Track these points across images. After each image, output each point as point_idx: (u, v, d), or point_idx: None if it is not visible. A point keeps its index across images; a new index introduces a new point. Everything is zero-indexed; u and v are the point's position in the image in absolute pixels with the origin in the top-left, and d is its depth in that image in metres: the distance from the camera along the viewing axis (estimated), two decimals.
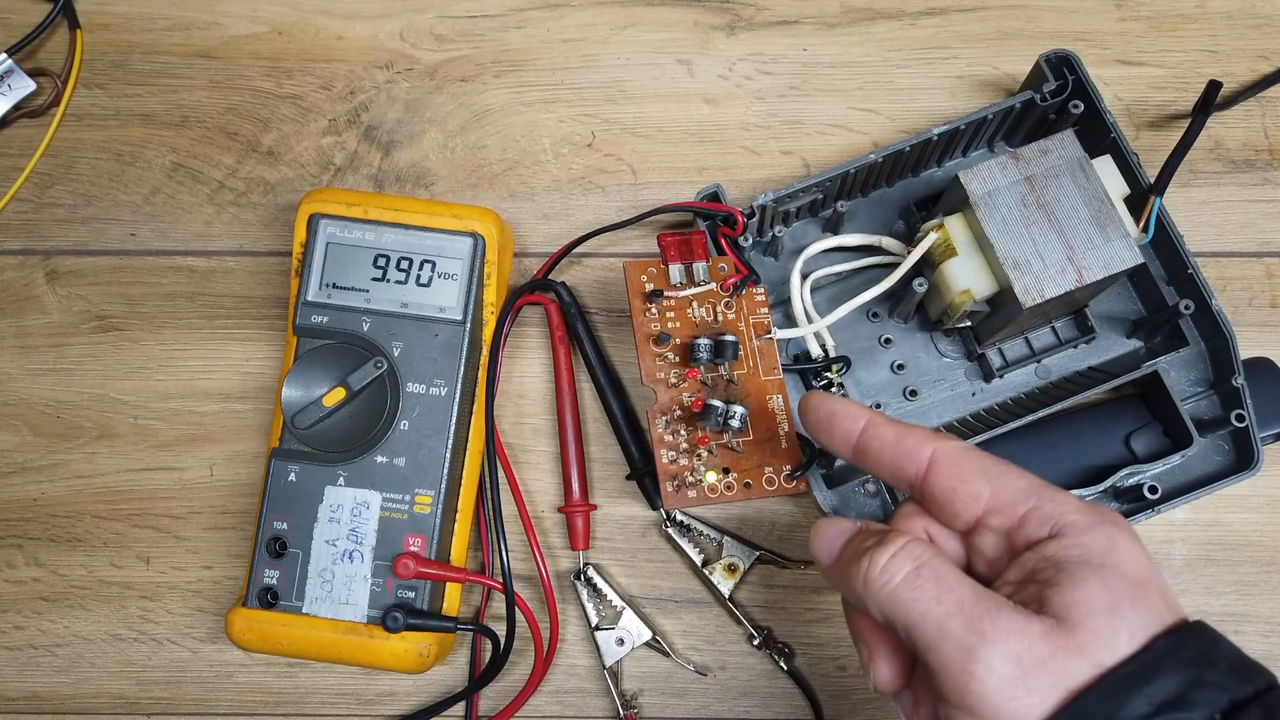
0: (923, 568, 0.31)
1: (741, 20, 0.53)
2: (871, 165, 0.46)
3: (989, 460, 0.33)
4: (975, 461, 0.33)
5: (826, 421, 0.35)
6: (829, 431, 0.35)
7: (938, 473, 0.33)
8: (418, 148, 0.52)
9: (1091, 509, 0.31)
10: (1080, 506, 0.31)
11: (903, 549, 0.31)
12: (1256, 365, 0.46)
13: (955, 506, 0.32)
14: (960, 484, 0.32)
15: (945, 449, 0.33)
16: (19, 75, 0.52)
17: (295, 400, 0.43)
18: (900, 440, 0.33)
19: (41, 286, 0.50)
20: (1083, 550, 0.30)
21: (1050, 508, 0.31)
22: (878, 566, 0.31)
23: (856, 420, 0.34)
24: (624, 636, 0.46)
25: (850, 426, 0.34)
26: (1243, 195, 0.50)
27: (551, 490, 0.48)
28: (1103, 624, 0.28)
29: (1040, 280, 0.40)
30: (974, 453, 0.33)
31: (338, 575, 0.43)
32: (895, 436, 0.33)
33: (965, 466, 0.32)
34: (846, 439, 0.35)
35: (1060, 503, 0.31)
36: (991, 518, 0.32)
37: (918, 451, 0.33)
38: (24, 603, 0.48)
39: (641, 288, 0.44)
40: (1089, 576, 0.29)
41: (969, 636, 0.29)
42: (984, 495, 0.32)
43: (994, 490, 0.32)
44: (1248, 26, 0.52)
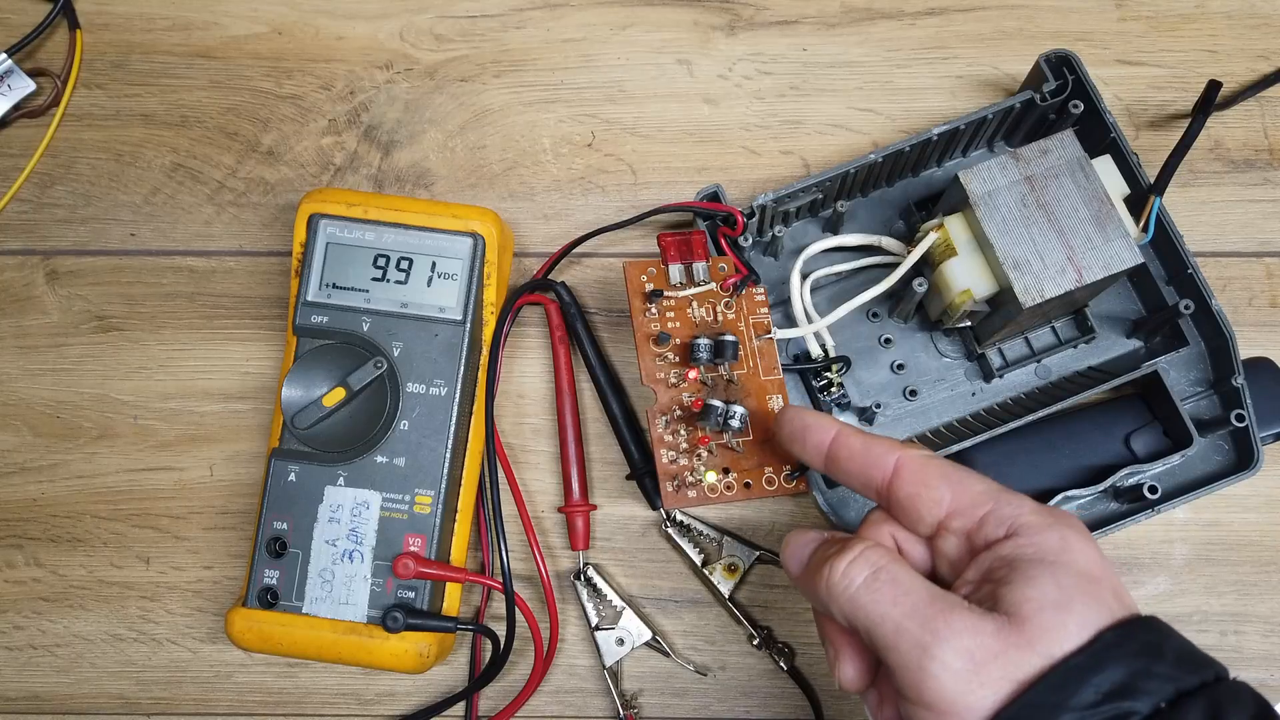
0: (880, 572, 0.32)
1: (741, 20, 0.53)
2: (871, 165, 0.46)
3: (950, 467, 0.34)
4: (937, 468, 0.34)
5: (800, 433, 0.37)
6: (802, 443, 0.37)
7: (902, 479, 0.34)
8: (417, 148, 0.52)
9: (1047, 510, 0.33)
10: (1035, 508, 0.33)
11: (860, 555, 0.33)
12: (1256, 365, 0.46)
13: (919, 511, 0.34)
14: (923, 489, 0.34)
15: (909, 456, 0.34)
16: (19, 75, 0.52)
17: (295, 400, 0.43)
18: (867, 449, 0.35)
19: (41, 286, 0.50)
20: (1036, 549, 0.31)
21: (1006, 510, 0.33)
22: (838, 572, 0.33)
23: (827, 431, 0.36)
24: (624, 636, 0.46)
25: (821, 437, 0.36)
26: (1243, 195, 0.50)
27: (551, 490, 0.48)
28: (1051, 618, 0.30)
29: (1040, 280, 0.40)
30: (936, 460, 0.34)
31: (338, 575, 0.43)
32: (862, 446, 0.35)
33: (928, 472, 0.34)
34: (818, 449, 0.36)
35: (1016, 505, 0.33)
36: (953, 520, 0.33)
37: (883, 459, 0.34)
38: (24, 603, 0.48)
39: (641, 288, 0.44)
40: (1040, 573, 0.31)
41: (924, 635, 0.30)
42: (945, 500, 0.33)
43: (954, 494, 0.33)
44: (1248, 26, 0.52)
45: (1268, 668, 0.46)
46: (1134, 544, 0.47)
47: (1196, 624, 0.46)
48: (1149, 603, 0.46)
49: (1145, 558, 0.47)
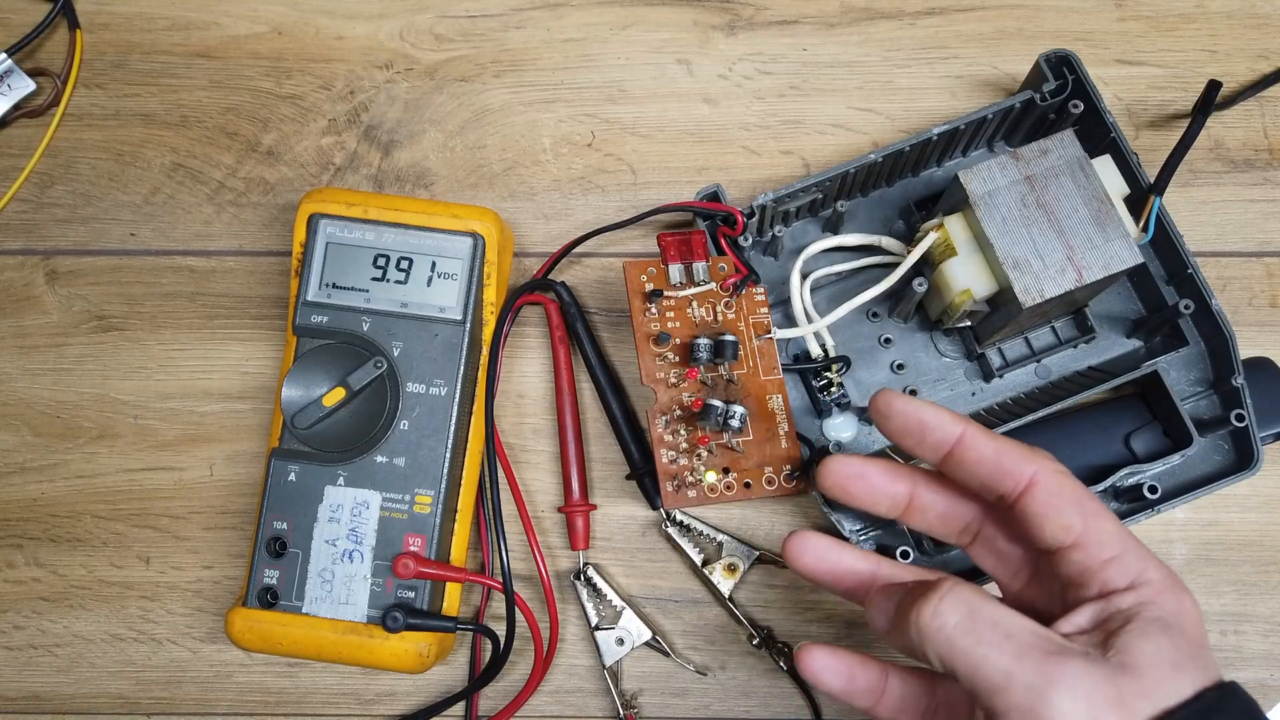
0: (976, 613, 0.31)
1: (741, 20, 0.53)
2: (871, 165, 0.46)
3: (1085, 494, 0.33)
4: (1072, 492, 0.33)
5: (917, 428, 0.35)
6: (918, 439, 0.35)
7: (1035, 496, 0.33)
8: (417, 148, 0.52)
9: (1168, 571, 0.33)
10: (1158, 565, 0.33)
11: (950, 593, 0.31)
12: (1256, 365, 0.46)
13: (1044, 532, 0.33)
14: (1055, 513, 0.33)
15: (1046, 472, 0.33)
16: (19, 75, 0.52)
17: (295, 400, 0.43)
18: (1000, 455, 0.34)
19: (41, 286, 0.50)
20: (1157, 609, 0.31)
21: (1134, 561, 0.32)
22: (927, 614, 0.31)
23: (950, 430, 0.34)
24: (624, 636, 0.46)
25: (943, 437, 0.34)
26: (1243, 195, 0.50)
27: (551, 490, 0.48)
28: (1167, 674, 0.30)
29: (1040, 280, 0.40)
30: (1072, 482, 0.33)
31: (338, 575, 0.43)
32: (995, 452, 0.34)
33: (1063, 497, 0.33)
34: (938, 448, 0.35)
35: (1143, 558, 0.33)
36: (1074, 552, 0.33)
37: (1018, 470, 0.33)
38: (24, 603, 0.48)
39: (641, 287, 0.44)
40: (1159, 633, 0.30)
41: (1038, 679, 0.29)
42: (1075, 529, 0.33)
43: (1086, 527, 0.33)
44: (1248, 26, 0.52)
45: (1268, 667, 0.46)
46: None
47: None
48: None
49: None
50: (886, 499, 0.36)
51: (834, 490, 0.37)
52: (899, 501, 0.36)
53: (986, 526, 0.36)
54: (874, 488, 0.36)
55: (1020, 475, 0.33)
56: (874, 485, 0.36)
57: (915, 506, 0.37)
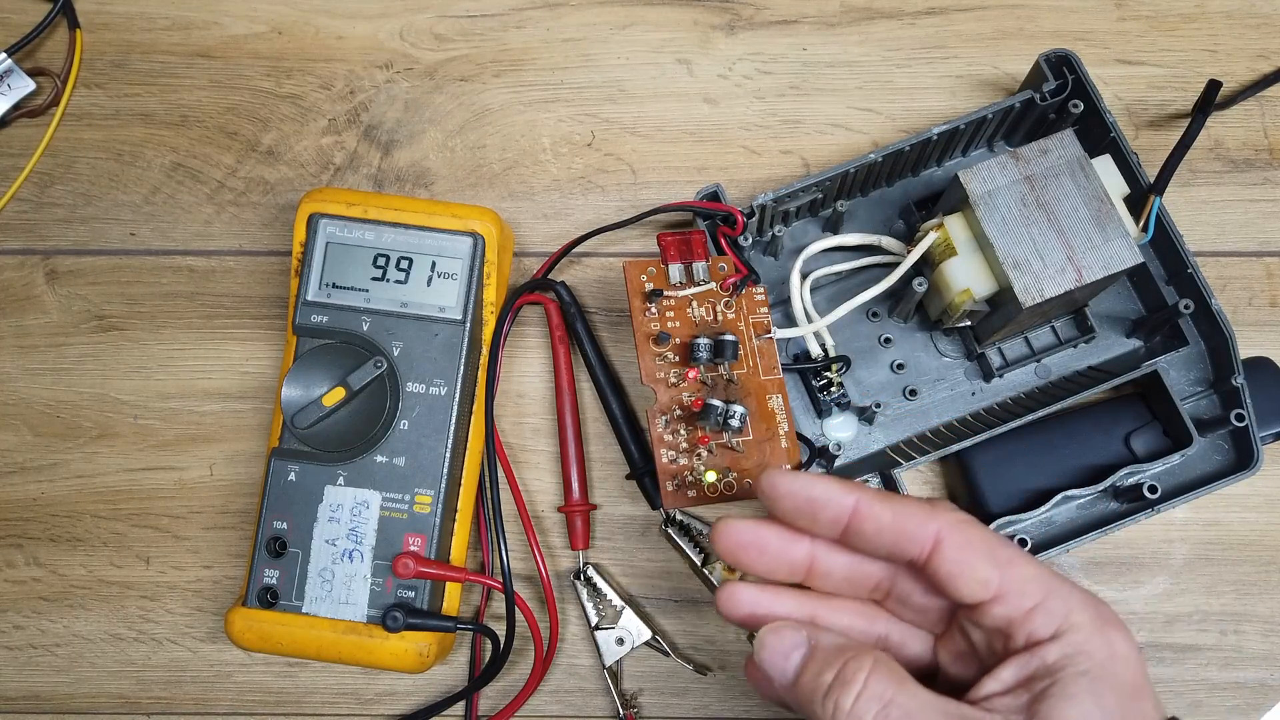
0: (891, 706, 0.29)
1: (741, 20, 0.53)
2: (871, 165, 0.46)
3: (996, 542, 0.32)
4: (982, 544, 0.31)
5: (808, 507, 0.32)
6: (811, 517, 0.32)
7: (944, 556, 0.31)
8: (417, 147, 0.52)
9: (1093, 605, 0.31)
10: (1083, 602, 0.31)
11: (866, 687, 0.30)
12: (1256, 365, 0.46)
13: (960, 590, 0.31)
14: (968, 569, 0.31)
15: (950, 527, 0.31)
16: (19, 75, 0.52)
17: (295, 400, 0.43)
18: (899, 520, 0.32)
19: (41, 286, 0.50)
20: (1084, 660, 0.30)
21: (1057, 604, 0.30)
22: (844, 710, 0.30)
23: (843, 502, 0.32)
24: (624, 636, 0.46)
25: (837, 512, 0.32)
26: (1243, 195, 0.50)
27: (551, 490, 0.48)
28: None
29: (1040, 280, 0.40)
30: (979, 532, 0.32)
31: (337, 575, 0.43)
32: (893, 517, 0.32)
33: (973, 551, 0.31)
34: (834, 524, 0.32)
35: (1066, 599, 0.31)
36: (996, 606, 0.31)
37: (920, 531, 0.31)
38: (24, 603, 0.48)
39: (641, 287, 0.44)
40: (1083, 693, 0.29)
41: None
42: (993, 582, 0.31)
43: (1003, 577, 0.31)
44: (1248, 26, 0.52)
45: (1268, 667, 0.46)
46: (1134, 544, 0.47)
47: (1196, 624, 0.46)
48: (1149, 602, 0.47)
49: (1145, 558, 0.47)
50: (784, 565, 0.34)
51: (728, 557, 0.34)
52: (798, 568, 0.34)
53: (899, 583, 0.34)
54: (771, 554, 0.34)
55: (924, 536, 0.31)
56: (771, 551, 0.33)
57: (818, 570, 0.34)
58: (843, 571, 0.34)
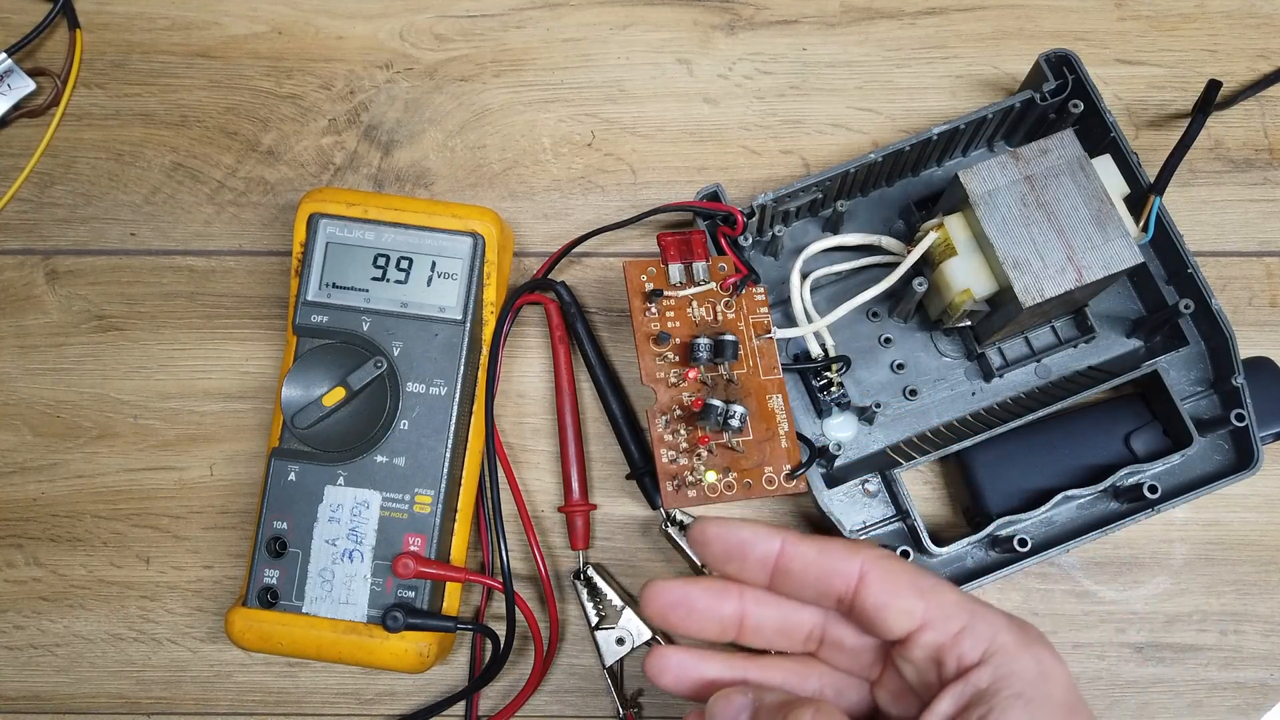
0: None
1: (741, 20, 0.53)
2: (871, 165, 0.46)
3: (917, 573, 0.32)
4: (906, 576, 0.32)
5: (738, 550, 0.33)
6: (740, 560, 0.33)
7: (869, 589, 0.31)
8: (417, 147, 0.52)
9: (1018, 626, 0.31)
10: (1008, 624, 0.31)
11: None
12: (1256, 365, 0.46)
13: (887, 622, 0.31)
14: (893, 599, 0.31)
15: (873, 561, 0.32)
16: (19, 75, 0.52)
17: (295, 400, 0.43)
18: (823, 556, 0.32)
19: (41, 286, 0.50)
20: (1016, 682, 0.30)
21: (982, 627, 0.31)
22: None
23: (770, 543, 0.32)
24: (624, 636, 0.46)
25: (765, 551, 0.32)
26: (1243, 195, 0.50)
27: (551, 490, 0.48)
28: None
29: (1040, 280, 0.40)
30: (903, 565, 0.32)
31: (338, 575, 0.43)
32: (817, 553, 0.32)
33: (897, 581, 0.31)
34: (763, 565, 0.33)
35: (990, 621, 0.31)
36: (924, 634, 0.31)
37: (844, 566, 0.32)
38: (24, 603, 0.48)
39: (641, 287, 0.44)
40: (1020, 716, 0.29)
41: None
42: (917, 611, 0.31)
43: (927, 605, 0.31)
44: (1248, 26, 0.52)
45: (1268, 667, 0.46)
46: (1134, 544, 0.47)
47: (1196, 624, 0.46)
48: (1149, 602, 0.46)
49: (1145, 558, 0.47)
50: (715, 624, 0.33)
51: (655, 620, 0.33)
52: (729, 624, 0.33)
53: (831, 629, 0.34)
54: (699, 612, 0.33)
55: (849, 570, 0.32)
56: (699, 609, 0.33)
57: (749, 626, 0.33)
58: (774, 623, 0.34)
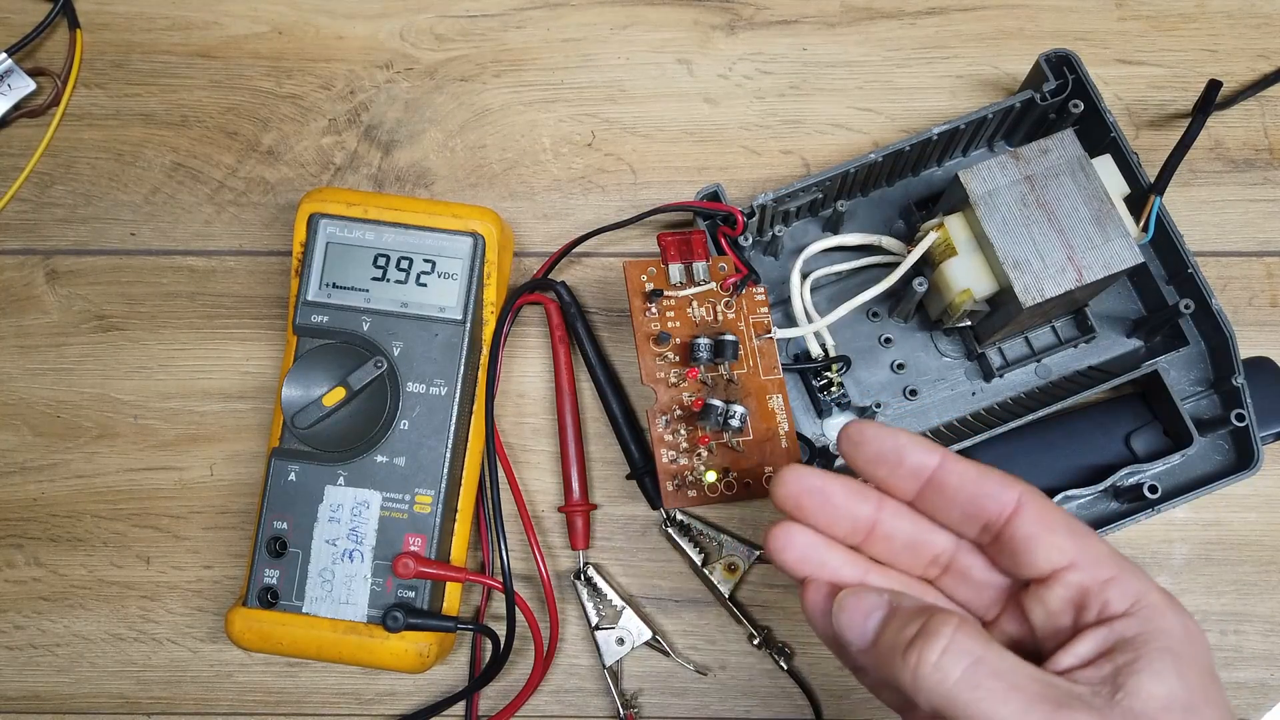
0: (980, 663, 0.28)
1: (741, 20, 0.53)
2: (871, 165, 0.46)
3: (1073, 519, 0.32)
4: (1061, 515, 0.31)
5: (893, 453, 0.32)
6: (894, 465, 0.32)
7: (1025, 517, 0.31)
8: (418, 147, 0.52)
9: (1165, 592, 0.31)
10: (1157, 586, 0.31)
11: (953, 641, 0.29)
12: (1256, 365, 0.46)
13: (1035, 554, 0.31)
14: (1047, 533, 0.31)
15: (1034, 494, 0.31)
16: (19, 75, 0.52)
17: (295, 400, 0.43)
18: (984, 477, 0.32)
19: (41, 286, 0.50)
20: (1164, 636, 0.29)
21: (1133, 582, 0.30)
22: (929, 663, 0.29)
23: (931, 453, 0.32)
24: (624, 636, 0.46)
25: (924, 459, 0.32)
26: (1243, 195, 0.50)
27: (551, 490, 0.48)
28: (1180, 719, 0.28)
29: (1040, 280, 0.40)
30: (1058, 507, 0.32)
31: (338, 575, 0.43)
32: (978, 474, 0.32)
33: (1053, 517, 0.31)
34: (916, 474, 0.32)
35: (1141, 579, 0.31)
36: (1071, 573, 0.31)
37: (1003, 492, 0.31)
38: (24, 602, 0.48)
39: (641, 287, 0.44)
40: (1168, 669, 0.29)
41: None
42: (1069, 550, 0.31)
43: (1078, 547, 0.31)
44: (1248, 26, 0.52)
45: (1268, 667, 0.46)
46: (1134, 544, 0.47)
47: None
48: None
49: (1145, 558, 0.47)
50: (847, 520, 0.33)
51: (788, 503, 0.33)
52: (860, 525, 0.33)
53: (960, 558, 0.33)
54: (834, 506, 0.33)
55: (1005, 499, 0.31)
56: (835, 503, 0.33)
57: (880, 533, 0.33)
58: (905, 537, 0.33)
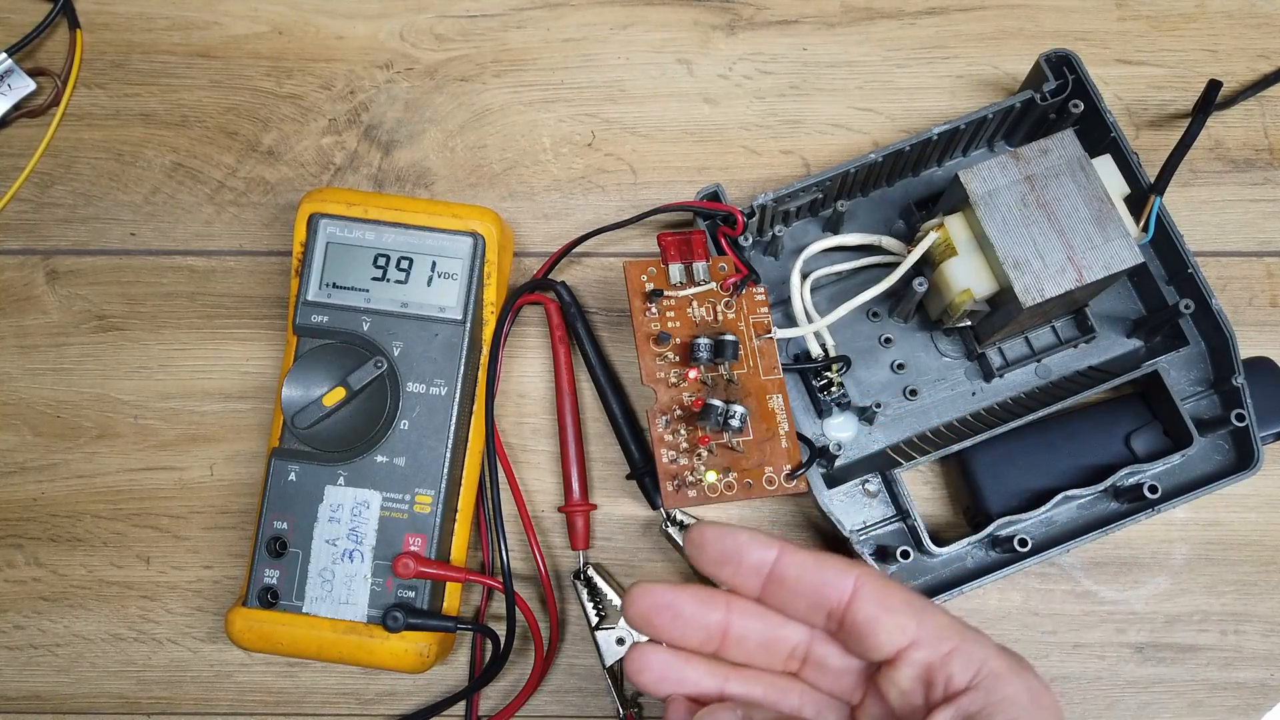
0: None
1: (741, 20, 0.53)
2: (871, 165, 0.46)
3: (910, 593, 0.32)
4: (899, 593, 0.32)
5: (734, 553, 0.32)
6: (735, 565, 0.33)
7: (864, 600, 0.31)
8: (418, 147, 0.52)
9: (1009, 654, 0.31)
10: (998, 650, 0.31)
11: None
12: (1256, 365, 0.46)
13: (878, 636, 0.31)
14: (886, 614, 0.31)
15: (870, 576, 0.32)
16: (19, 75, 0.52)
17: (295, 400, 0.43)
18: (819, 566, 0.32)
19: (41, 286, 0.50)
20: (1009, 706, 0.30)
21: (974, 649, 0.31)
22: None
23: (769, 549, 0.32)
24: (624, 636, 0.46)
25: (763, 556, 0.32)
26: (1243, 195, 0.50)
27: (551, 490, 0.48)
28: None
29: (1040, 280, 0.40)
30: (897, 584, 0.32)
31: (338, 575, 0.43)
32: (814, 563, 0.32)
33: (891, 598, 0.32)
34: (757, 571, 0.32)
35: (982, 645, 0.31)
36: (915, 651, 0.31)
37: (839, 579, 0.32)
38: (24, 603, 0.48)
39: (641, 287, 0.44)
40: None
41: None
42: (909, 628, 0.31)
43: (919, 624, 0.31)
44: (1248, 26, 0.52)
45: (1268, 667, 0.46)
46: (1134, 544, 0.47)
47: (1197, 624, 0.46)
48: (1149, 602, 0.46)
49: (1145, 558, 0.47)
50: (700, 630, 0.33)
51: (638, 622, 0.33)
52: (714, 632, 0.33)
53: (815, 647, 0.34)
54: (685, 619, 0.33)
55: (844, 583, 0.32)
56: (685, 615, 0.33)
57: (733, 637, 0.33)
58: (758, 637, 0.34)
